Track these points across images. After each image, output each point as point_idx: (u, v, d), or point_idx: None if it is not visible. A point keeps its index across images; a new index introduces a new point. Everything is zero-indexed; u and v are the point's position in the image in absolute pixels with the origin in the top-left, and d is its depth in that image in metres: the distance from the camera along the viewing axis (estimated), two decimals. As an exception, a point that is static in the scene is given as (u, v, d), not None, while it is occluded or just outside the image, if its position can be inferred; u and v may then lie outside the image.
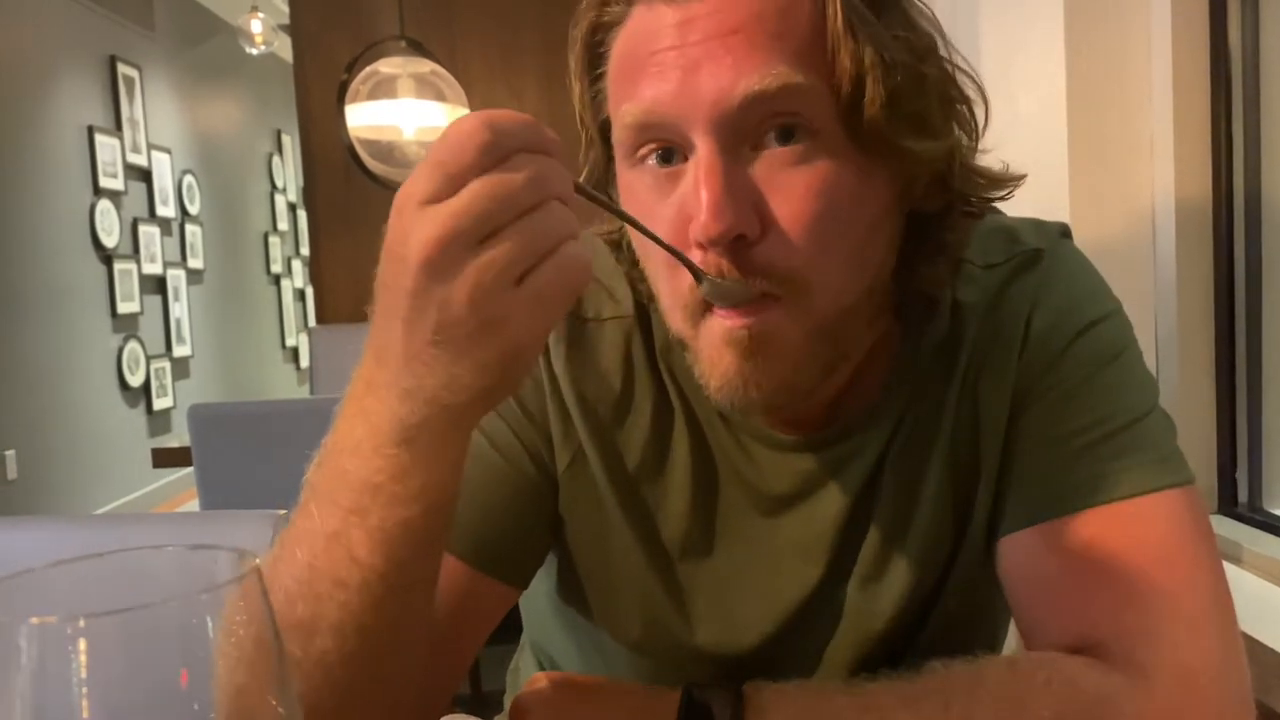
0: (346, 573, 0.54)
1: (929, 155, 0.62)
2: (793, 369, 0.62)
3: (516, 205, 0.46)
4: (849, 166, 0.60)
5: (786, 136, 0.59)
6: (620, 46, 0.63)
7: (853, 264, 0.63)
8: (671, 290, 0.64)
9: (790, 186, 0.59)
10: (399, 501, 0.52)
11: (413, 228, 0.46)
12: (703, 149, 0.59)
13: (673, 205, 0.61)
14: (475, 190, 0.46)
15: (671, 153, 0.61)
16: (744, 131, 0.59)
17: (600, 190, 0.69)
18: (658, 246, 0.61)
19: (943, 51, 0.64)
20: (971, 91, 0.65)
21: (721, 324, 0.61)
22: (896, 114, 0.59)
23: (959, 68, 0.65)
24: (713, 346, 0.62)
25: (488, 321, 0.46)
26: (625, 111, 0.61)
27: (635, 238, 0.67)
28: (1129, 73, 1.29)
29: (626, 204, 0.65)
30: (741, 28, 0.58)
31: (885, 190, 0.63)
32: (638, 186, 0.63)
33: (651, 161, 0.62)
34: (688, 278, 0.61)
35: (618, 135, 0.63)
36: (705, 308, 0.62)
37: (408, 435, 0.50)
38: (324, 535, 0.55)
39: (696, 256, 0.60)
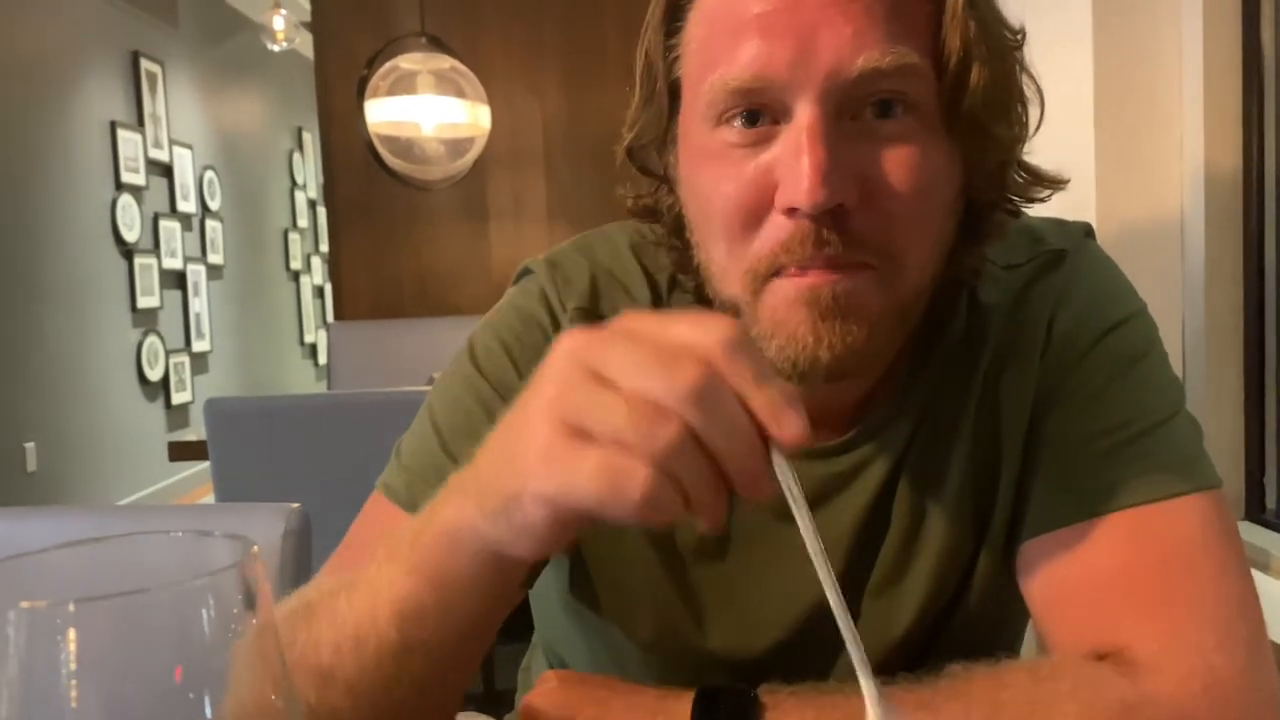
0: (366, 633, 0.55)
1: (1006, 144, 0.62)
2: (868, 336, 0.61)
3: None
4: (939, 146, 0.60)
5: (886, 110, 0.59)
6: (714, 1, 0.61)
7: (936, 243, 0.63)
8: (736, 254, 0.62)
9: (889, 160, 0.59)
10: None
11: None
12: (805, 116, 0.58)
13: (758, 168, 0.60)
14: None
15: (758, 114, 0.60)
16: (848, 103, 0.58)
17: (656, 147, 0.69)
18: (724, 208, 0.60)
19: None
20: (1030, 90, 0.65)
21: (797, 283, 0.60)
22: (991, 100, 0.59)
23: (1023, 66, 0.65)
24: (781, 305, 0.60)
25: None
26: (727, 75, 0.59)
27: (693, 194, 0.65)
28: (1158, 70, 1.27)
29: (694, 162, 0.64)
30: None
31: (959, 175, 0.63)
32: (714, 146, 0.62)
33: (737, 122, 0.61)
34: (760, 242, 0.60)
35: (709, 95, 0.61)
36: (774, 272, 0.60)
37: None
38: (365, 583, 0.56)
39: (781, 223, 0.59)
